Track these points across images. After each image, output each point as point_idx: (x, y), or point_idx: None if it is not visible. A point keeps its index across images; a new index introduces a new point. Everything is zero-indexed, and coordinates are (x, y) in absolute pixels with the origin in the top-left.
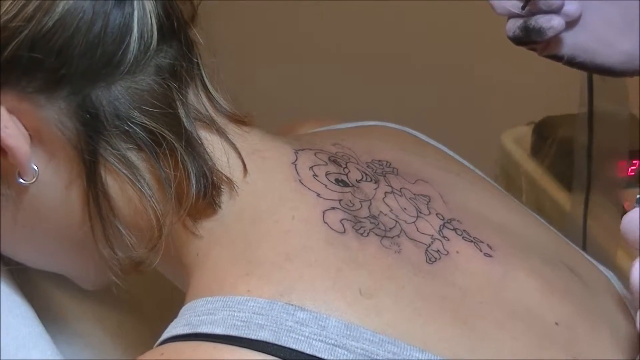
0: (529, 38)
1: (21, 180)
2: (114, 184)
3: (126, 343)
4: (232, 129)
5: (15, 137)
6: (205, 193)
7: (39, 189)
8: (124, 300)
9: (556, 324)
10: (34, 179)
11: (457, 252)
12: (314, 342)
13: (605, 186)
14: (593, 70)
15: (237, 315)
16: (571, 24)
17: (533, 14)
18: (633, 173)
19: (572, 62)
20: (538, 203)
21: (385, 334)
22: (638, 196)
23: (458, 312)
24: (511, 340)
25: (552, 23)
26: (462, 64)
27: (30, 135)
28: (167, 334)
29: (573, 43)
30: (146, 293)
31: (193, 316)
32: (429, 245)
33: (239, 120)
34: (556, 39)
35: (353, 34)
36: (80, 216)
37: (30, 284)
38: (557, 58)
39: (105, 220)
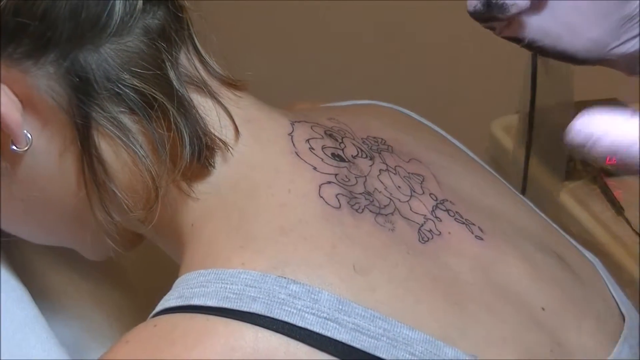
0: (490, 14)
1: (14, 148)
2: (108, 148)
3: (124, 325)
4: (224, 93)
5: (5, 104)
6: (199, 154)
7: (34, 158)
8: (122, 282)
9: (543, 309)
10: (27, 147)
11: (449, 233)
12: (306, 315)
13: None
14: (553, 55)
15: (229, 288)
16: (537, 5)
17: None
18: None
19: (531, 46)
20: (527, 191)
21: (377, 310)
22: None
23: (449, 292)
24: (500, 323)
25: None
26: (450, 51)
27: (21, 102)
28: (160, 306)
29: (536, 26)
30: (144, 275)
31: (186, 288)
32: (422, 225)
33: (232, 85)
34: (518, 20)
35: (343, 19)
36: (76, 182)
37: (26, 267)
38: (517, 40)
39: (101, 185)
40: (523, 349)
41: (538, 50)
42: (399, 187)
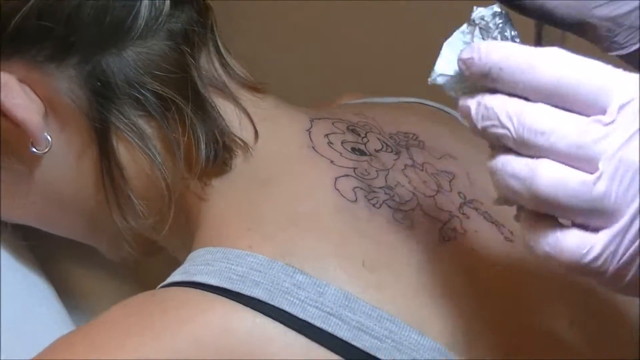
0: None
1: (34, 150)
2: (125, 153)
3: None
4: (244, 95)
5: (26, 108)
6: (215, 157)
7: (52, 161)
8: (149, 282)
9: (572, 323)
10: (47, 149)
11: (476, 231)
12: (308, 307)
13: None
14: (531, 12)
15: (234, 269)
16: None
17: None
18: None
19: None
20: None
21: (384, 310)
22: None
23: (464, 296)
24: (518, 332)
25: None
26: None
27: (43, 104)
28: (166, 281)
29: None
30: (166, 276)
31: (191, 265)
32: (446, 223)
33: (253, 87)
34: None
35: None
36: (94, 185)
37: (51, 262)
38: None
39: (118, 189)
40: None
41: (516, 6)
42: (425, 182)
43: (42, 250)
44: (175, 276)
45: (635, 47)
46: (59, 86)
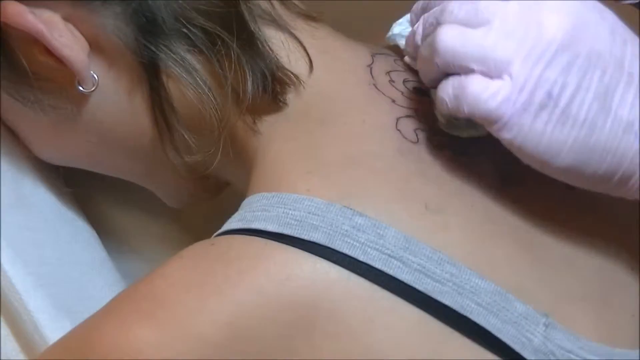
0: None
1: (81, 89)
2: (175, 88)
3: None
4: (299, 25)
5: (71, 46)
6: (264, 90)
7: (100, 99)
8: (192, 226)
9: (632, 269)
10: (94, 87)
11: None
12: (369, 249)
13: None
14: None
15: (291, 214)
16: None
17: None
18: None
19: None
20: None
21: (446, 252)
22: None
23: (528, 241)
24: (582, 279)
25: None
26: None
27: (88, 43)
28: (223, 228)
29: None
30: (215, 220)
31: (248, 211)
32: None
33: (308, 16)
34: None
35: None
36: (147, 123)
37: (95, 208)
38: None
39: (170, 124)
40: (606, 309)
41: None
42: None
43: (85, 197)
44: (232, 223)
45: None
46: (104, 23)
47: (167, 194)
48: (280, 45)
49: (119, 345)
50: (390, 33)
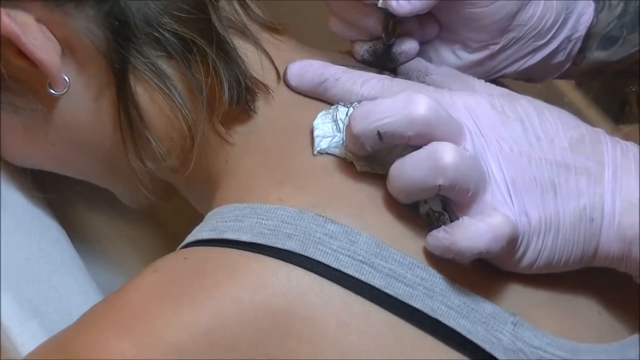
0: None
1: (52, 91)
2: (144, 94)
3: None
4: (265, 37)
5: (45, 49)
6: (238, 98)
7: (70, 102)
8: (163, 228)
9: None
10: (65, 90)
11: None
12: (341, 256)
13: None
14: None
15: (264, 223)
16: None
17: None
18: None
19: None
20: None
21: (417, 258)
22: None
23: None
24: (548, 282)
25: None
26: None
27: (60, 45)
28: (191, 237)
29: None
30: (186, 222)
31: (220, 222)
32: None
33: (273, 29)
34: None
35: None
36: (111, 127)
37: (65, 208)
38: None
39: (136, 130)
40: (571, 309)
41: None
42: None
43: (56, 197)
44: (203, 233)
45: None
46: (77, 26)
47: (125, 194)
48: (250, 55)
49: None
50: (318, 149)
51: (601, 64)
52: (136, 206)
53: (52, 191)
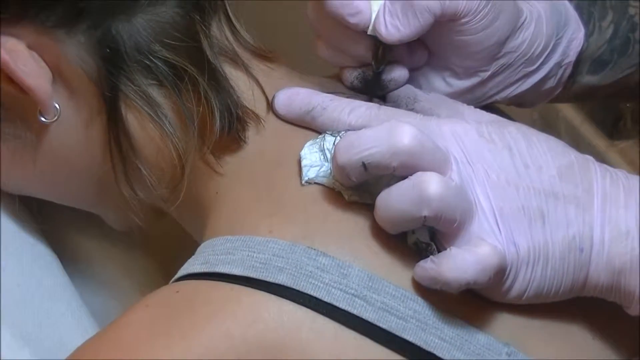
0: (371, 92)
1: (42, 119)
2: (135, 122)
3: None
4: (255, 64)
5: (35, 75)
6: (229, 128)
7: (60, 129)
8: (152, 250)
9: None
10: (55, 117)
11: None
12: (333, 290)
13: None
14: None
15: (256, 257)
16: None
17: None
18: None
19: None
20: (577, 150)
21: (409, 289)
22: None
23: None
24: (540, 311)
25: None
26: None
27: (51, 72)
28: (183, 270)
29: None
30: (174, 243)
31: (211, 255)
32: None
33: (264, 56)
34: None
35: None
36: (101, 155)
37: (56, 232)
38: None
39: (126, 159)
40: (566, 340)
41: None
42: None
43: (46, 221)
44: (195, 266)
45: None
46: (68, 53)
47: (114, 220)
48: (241, 83)
49: None
50: (306, 179)
51: (592, 88)
52: (123, 230)
53: (42, 216)
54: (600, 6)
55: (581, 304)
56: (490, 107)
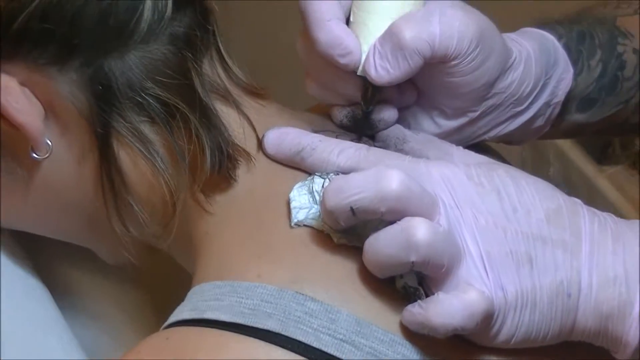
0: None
1: (35, 156)
2: (127, 158)
3: (144, 327)
4: (247, 102)
5: (27, 112)
6: (220, 166)
7: (52, 165)
8: (143, 283)
9: None
10: (47, 154)
11: None
12: (321, 335)
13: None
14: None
15: (245, 302)
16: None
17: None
18: None
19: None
20: (566, 176)
21: (397, 333)
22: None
23: None
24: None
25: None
26: None
27: (43, 108)
28: (173, 317)
29: None
30: (165, 276)
31: (200, 301)
32: None
33: (255, 93)
34: None
35: None
36: (93, 191)
37: (48, 265)
38: None
39: (118, 195)
40: None
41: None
42: None
43: (38, 253)
44: (184, 313)
45: None
46: (60, 89)
47: (107, 255)
48: (232, 121)
49: None
50: (295, 221)
51: (580, 125)
52: (115, 264)
53: (34, 249)
54: (589, 44)
55: (568, 349)
56: (478, 144)
